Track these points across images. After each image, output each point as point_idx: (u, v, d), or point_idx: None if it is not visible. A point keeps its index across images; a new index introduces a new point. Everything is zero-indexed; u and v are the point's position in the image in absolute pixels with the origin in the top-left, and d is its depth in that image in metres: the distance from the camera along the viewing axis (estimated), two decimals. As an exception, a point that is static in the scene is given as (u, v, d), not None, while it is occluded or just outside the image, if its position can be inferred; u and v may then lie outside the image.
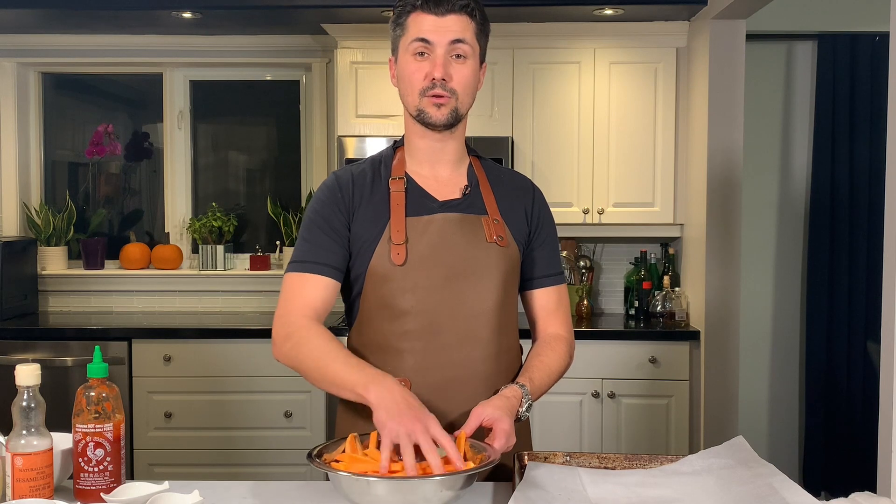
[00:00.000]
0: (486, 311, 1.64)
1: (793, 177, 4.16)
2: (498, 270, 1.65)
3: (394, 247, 1.60)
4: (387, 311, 1.62)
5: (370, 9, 3.49)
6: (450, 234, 1.63)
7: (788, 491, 1.38)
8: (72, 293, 4.22)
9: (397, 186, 1.65)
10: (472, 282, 1.63)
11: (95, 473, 1.41)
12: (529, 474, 1.45)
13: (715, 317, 3.53)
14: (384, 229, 1.62)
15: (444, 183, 1.69)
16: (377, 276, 1.62)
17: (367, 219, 1.63)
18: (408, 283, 1.61)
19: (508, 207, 1.71)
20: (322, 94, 4.16)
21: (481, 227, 1.66)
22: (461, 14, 1.62)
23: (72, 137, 4.43)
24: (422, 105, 1.61)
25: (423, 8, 1.60)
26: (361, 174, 1.68)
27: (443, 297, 1.61)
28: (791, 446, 4.22)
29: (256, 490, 1.52)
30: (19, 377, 1.39)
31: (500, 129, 3.75)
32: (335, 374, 1.51)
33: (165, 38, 4.10)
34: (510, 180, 1.78)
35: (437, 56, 1.60)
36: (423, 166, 1.69)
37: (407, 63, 1.62)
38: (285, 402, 3.61)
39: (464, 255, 1.63)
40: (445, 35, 1.60)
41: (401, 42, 1.63)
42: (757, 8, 3.30)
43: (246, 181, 4.44)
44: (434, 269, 1.61)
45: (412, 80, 1.61)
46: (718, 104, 3.48)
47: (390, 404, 1.41)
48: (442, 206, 1.66)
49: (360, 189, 1.66)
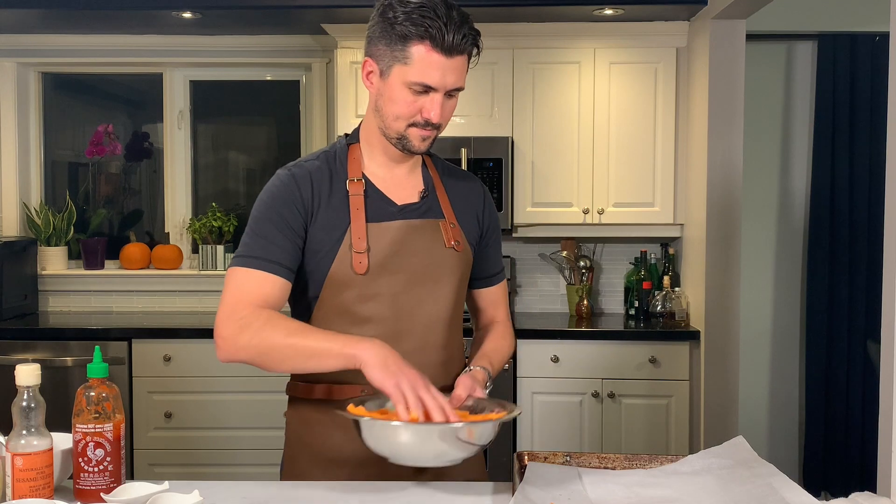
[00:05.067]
0: (442, 316, 1.65)
1: (793, 177, 4.16)
2: (454, 275, 1.66)
3: (356, 255, 1.57)
4: (346, 318, 1.60)
5: (370, 9, 3.48)
6: (410, 240, 1.62)
7: (788, 491, 1.38)
8: (72, 293, 4.22)
9: (356, 189, 1.60)
10: (430, 287, 1.63)
11: (95, 473, 1.41)
12: (529, 474, 1.45)
13: (715, 317, 3.53)
14: (344, 235, 1.58)
15: (401, 184, 1.66)
16: (337, 283, 1.58)
17: (326, 223, 1.58)
18: (369, 290, 1.59)
19: (462, 210, 1.72)
20: (322, 94, 4.16)
21: (439, 232, 1.65)
22: (465, 54, 1.54)
23: (72, 137, 4.43)
24: (407, 133, 1.57)
25: (434, 43, 1.49)
26: (318, 172, 1.61)
27: (403, 304, 1.61)
28: (791, 446, 4.22)
29: (256, 490, 1.52)
30: (19, 377, 1.39)
31: (500, 129, 3.75)
32: (314, 344, 1.47)
33: (165, 38, 4.10)
34: (462, 181, 1.77)
35: (435, 99, 1.54)
36: (381, 168, 1.66)
37: (401, 92, 1.54)
38: (285, 402, 3.60)
39: (423, 261, 1.62)
40: (448, 80, 1.53)
41: (398, 68, 1.53)
42: (757, 8, 3.30)
43: (246, 181, 4.44)
44: (395, 275, 1.60)
45: (403, 110, 1.55)
46: (718, 104, 3.48)
47: (383, 360, 1.41)
48: (401, 210, 1.63)
49: (319, 189, 1.59)
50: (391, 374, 1.39)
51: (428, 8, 1.50)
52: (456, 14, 1.51)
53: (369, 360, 1.41)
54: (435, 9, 1.49)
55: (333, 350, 1.45)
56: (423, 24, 1.49)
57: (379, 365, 1.40)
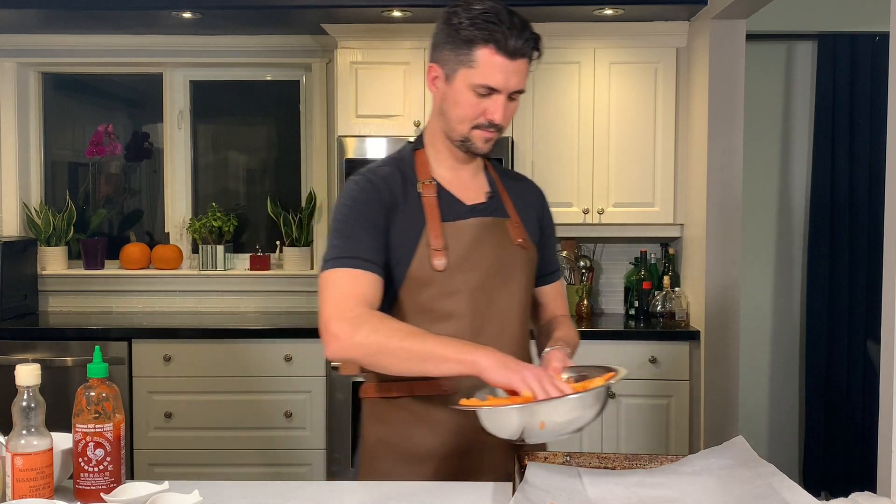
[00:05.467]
0: (515, 311, 1.72)
1: (793, 177, 4.16)
2: (523, 272, 1.73)
3: (434, 252, 1.62)
4: (427, 315, 1.64)
5: (370, 9, 3.49)
6: (483, 238, 1.68)
7: (788, 491, 1.38)
8: (72, 293, 4.22)
9: (428, 191, 1.67)
10: (503, 284, 1.69)
11: (95, 473, 1.41)
12: (529, 474, 1.45)
13: (715, 317, 3.53)
14: (421, 234, 1.63)
15: (468, 186, 1.73)
16: (417, 281, 1.64)
17: (403, 224, 1.64)
18: (448, 287, 1.64)
19: (523, 210, 1.79)
20: (322, 94, 4.16)
21: (507, 231, 1.72)
22: (527, 58, 1.61)
23: (72, 137, 4.43)
24: (470, 135, 1.64)
25: (498, 46, 1.57)
26: (391, 176, 1.67)
27: (480, 299, 1.66)
28: (791, 446, 4.22)
29: (256, 490, 1.52)
30: (19, 377, 1.39)
31: (500, 129, 3.74)
32: (430, 349, 1.49)
33: (165, 38, 4.10)
34: (520, 182, 1.86)
35: (498, 100, 1.60)
36: (448, 170, 1.72)
37: (466, 95, 1.60)
38: (285, 402, 3.61)
39: (496, 258, 1.68)
40: (511, 83, 1.60)
41: (463, 71, 1.59)
42: (757, 8, 3.30)
43: (246, 181, 4.44)
44: (471, 272, 1.65)
45: (467, 113, 1.62)
46: (718, 104, 3.48)
47: (502, 363, 1.45)
48: (471, 210, 1.70)
49: (394, 192, 1.65)
50: (514, 371, 1.43)
51: (492, 14, 1.57)
52: (518, 20, 1.59)
53: (488, 364, 1.45)
54: (498, 14, 1.57)
55: (450, 356, 1.48)
56: (488, 28, 1.56)
57: (499, 367, 1.44)
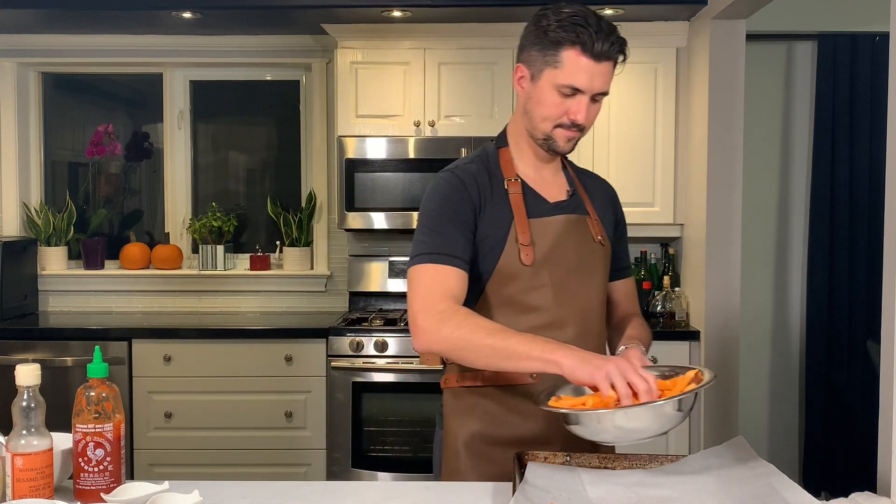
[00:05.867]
0: (595, 306, 1.77)
1: (793, 177, 4.16)
2: (602, 268, 1.79)
3: (522, 247, 1.67)
4: (513, 308, 1.69)
5: (370, 9, 3.49)
6: (567, 234, 1.73)
7: (788, 491, 1.38)
8: (72, 293, 4.22)
9: (515, 188, 1.72)
10: (585, 279, 1.74)
11: (95, 473, 1.41)
12: (529, 474, 1.45)
13: (715, 317, 3.53)
14: (509, 230, 1.68)
15: (550, 183, 1.78)
16: (504, 275, 1.68)
17: (491, 220, 1.69)
18: (534, 281, 1.69)
19: (601, 208, 1.85)
20: (322, 94, 4.16)
21: (588, 228, 1.77)
22: (612, 61, 1.65)
23: (72, 137, 4.43)
24: (553, 134, 1.69)
25: (584, 48, 1.61)
26: (478, 173, 1.72)
27: (564, 294, 1.71)
28: (791, 446, 4.22)
29: (256, 490, 1.52)
30: (19, 377, 1.39)
31: (499, 128, 3.71)
32: (514, 347, 1.52)
33: (165, 38, 4.10)
34: (594, 179, 1.92)
35: (582, 101, 1.64)
36: (531, 168, 1.77)
37: (550, 95, 1.65)
38: (285, 402, 3.61)
39: (578, 254, 1.74)
40: (595, 84, 1.64)
41: (549, 71, 1.64)
42: (757, 8, 3.30)
43: (246, 181, 4.44)
44: (555, 267, 1.70)
45: (551, 112, 1.66)
46: (718, 104, 3.48)
47: (584, 359, 1.47)
48: (554, 207, 1.75)
49: (482, 189, 1.70)
50: (597, 367, 1.44)
51: (579, 17, 1.62)
52: (605, 23, 1.63)
53: (570, 363, 1.47)
54: (586, 17, 1.62)
55: (533, 354, 1.51)
56: (575, 30, 1.61)
57: (581, 365, 1.46)
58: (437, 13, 3.57)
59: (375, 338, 3.53)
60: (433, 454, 1.85)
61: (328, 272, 4.19)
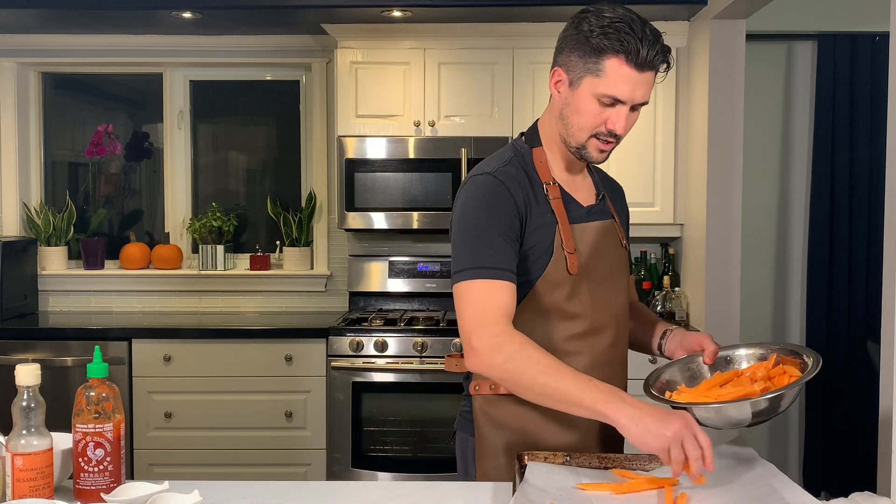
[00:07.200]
0: (626, 309, 1.77)
1: (793, 176, 4.16)
2: (626, 271, 1.79)
3: (569, 255, 1.63)
4: (557, 315, 1.65)
5: (370, 9, 3.49)
6: (603, 240, 1.71)
7: (788, 491, 1.38)
8: (72, 293, 4.22)
9: (555, 193, 1.67)
10: (614, 284, 1.73)
11: (95, 473, 1.41)
12: (529, 474, 1.45)
13: (715, 317, 3.53)
14: (554, 237, 1.63)
15: (580, 187, 1.75)
16: (550, 282, 1.64)
17: (537, 225, 1.63)
18: (576, 288, 1.65)
19: (619, 210, 1.84)
20: (322, 94, 4.16)
21: (616, 232, 1.76)
22: (655, 70, 1.59)
23: (72, 137, 4.43)
24: (588, 144, 1.64)
25: (628, 57, 1.54)
26: (519, 176, 1.65)
27: (600, 300, 1.69)
28: (791, 446, 4.22)
29: (256, 490, 1.52)
30: (19, 377, 1.39)
31: (500, 128, 3.75)
32: (566, 391, 1.47)
33: (165, 38, 4.10)
34: (611, 182, 1.91)
35: (621, 111, 1.59)
36: (563, 171, 1.73)
37: (589, 103, 1.59)
38: (285, 402, 3.61)
39: (610, 259, 1.73)
40: (637, 94, 1.58)
41: (590, 79, 1.57)
42: (757, 8, 3.30)
43: (246, 181, 4.44)
44: (592, 273, 1.68)
45: (588, 121, 1.61)
46: (718, 104, 3.48)
47: (638, 419, 1.42)
48: (588, 212, 1.71)
49: (526, 193, 1.64)
50: (654, 436, 1.39)
51: (624, 23, 1.53)
52: (649, 30, 1.55)
53: (624, 422, 1.42)
54: (631, 24, 1.54)
55: (585, 403, 1.46)
56: (619, 38, 1.53)
57: (636, 427, 1.41)
58: (437, 13, 3.57)
59: (375, 338, 3.53)
60: (456, 457, 1.78)
61: (328, 272, 4.19)
